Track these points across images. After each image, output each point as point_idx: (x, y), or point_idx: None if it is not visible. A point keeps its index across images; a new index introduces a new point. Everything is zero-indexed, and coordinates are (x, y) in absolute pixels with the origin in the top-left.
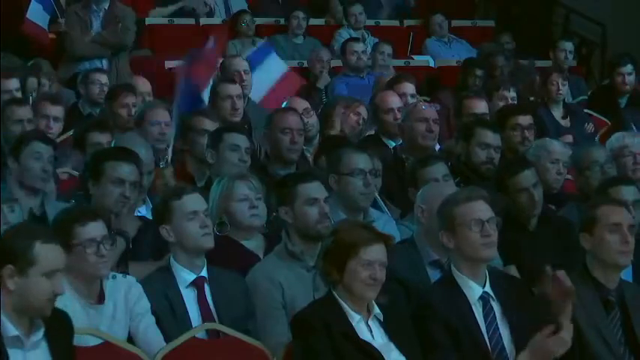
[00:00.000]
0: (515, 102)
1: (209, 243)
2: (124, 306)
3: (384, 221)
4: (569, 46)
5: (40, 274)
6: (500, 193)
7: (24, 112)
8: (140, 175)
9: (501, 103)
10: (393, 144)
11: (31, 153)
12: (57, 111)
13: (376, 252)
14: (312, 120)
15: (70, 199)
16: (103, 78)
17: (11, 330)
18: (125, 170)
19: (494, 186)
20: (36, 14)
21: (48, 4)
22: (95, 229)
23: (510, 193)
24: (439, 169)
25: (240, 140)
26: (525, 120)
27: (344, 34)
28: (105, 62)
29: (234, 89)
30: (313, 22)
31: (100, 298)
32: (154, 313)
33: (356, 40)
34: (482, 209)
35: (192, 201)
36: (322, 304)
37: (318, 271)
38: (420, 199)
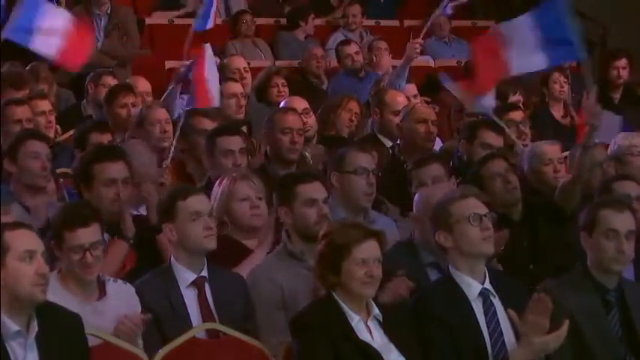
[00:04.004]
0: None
1: (211, 244)
2: (126, 309)
3: (384, 222)
4: None
5: (16, 259)
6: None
7: (23, 111)
8: (130, 170)
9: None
10: (390, 143)
11: (29, 153)
12: (47, 105)
13: (369, 249)
14: (311, 120)
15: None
16: (113, 82)
17: (12, 326)
18: (114, 169)
19: (472, 182)
20: None
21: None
22: (83, 235)
23: (486, 185)
24: (434, 170)
25: (233, 144)
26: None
27: (339, 35)
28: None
29: (238, 87)
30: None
31: (101, 295)
32: (154, 312)
33: (347, 42)
34: (478, 205)
35: (197, 202)
36: (321, 304)
37: (315, 276)
38: (414, 206)
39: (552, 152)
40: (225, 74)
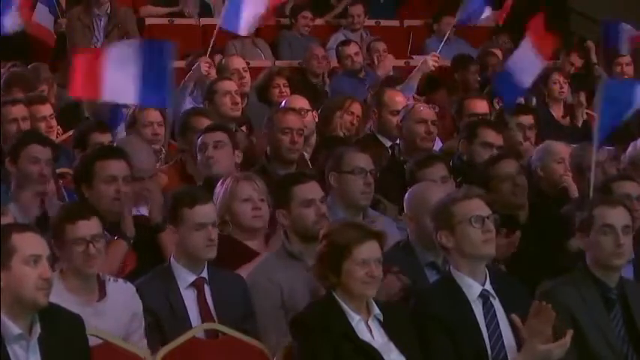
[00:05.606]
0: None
1: (210, 254)
2: (126, 309)
3: (384, 222)
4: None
5: (22, 262)
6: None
7: (18, 110)
8: (131, 170)
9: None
10: (390, 143)
11: (29, 157)
12: (48, 109)
13: (370, 249)
14: (307, 119)
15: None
16: None
17: (14, 329)
18: (115, 167)
19: (479, 181)
20: (42, 16)
21: (52, 5)
22: (85, 227)
23: (494, 185)
24: (438, 170)
25: (207, 138)
26: (527, 120)
27: (339, 36)
28: None
29: (231, 85)
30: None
31: (101, 296)
32: (154, 313)
33: (347, 42)
34: (480, 206)
35: (203, 213)
36: (322, 304)
37: (315, 275)
38: (405, 205)
39: (565, 153)
40: (221, 74)
